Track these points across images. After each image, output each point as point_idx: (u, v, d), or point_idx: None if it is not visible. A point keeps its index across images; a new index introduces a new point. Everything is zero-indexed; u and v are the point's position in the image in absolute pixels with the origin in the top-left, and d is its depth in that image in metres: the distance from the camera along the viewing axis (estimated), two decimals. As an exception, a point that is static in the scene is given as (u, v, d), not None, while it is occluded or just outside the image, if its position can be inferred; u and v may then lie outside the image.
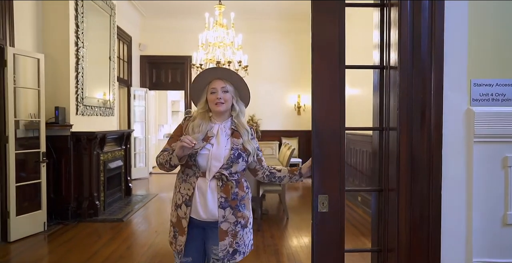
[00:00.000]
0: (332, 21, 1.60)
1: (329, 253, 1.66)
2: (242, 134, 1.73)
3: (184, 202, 1.69)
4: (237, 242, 1.70)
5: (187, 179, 1.69)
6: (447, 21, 1.59)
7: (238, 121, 1.75)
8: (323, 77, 1.63)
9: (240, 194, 1.71)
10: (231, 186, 1.68)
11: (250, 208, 1.79)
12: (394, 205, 1.67)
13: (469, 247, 1.64)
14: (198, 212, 1.68)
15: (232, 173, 1.69)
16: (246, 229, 1.74)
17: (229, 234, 1.69)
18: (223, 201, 1.67)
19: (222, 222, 1.67)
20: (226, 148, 1.69)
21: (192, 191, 1.67)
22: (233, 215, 1.68)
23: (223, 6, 4.86)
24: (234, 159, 1.67)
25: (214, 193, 1.67)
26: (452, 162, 1.62)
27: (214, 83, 1.71)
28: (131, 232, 3.91)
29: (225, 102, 1.70)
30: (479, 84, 1.63)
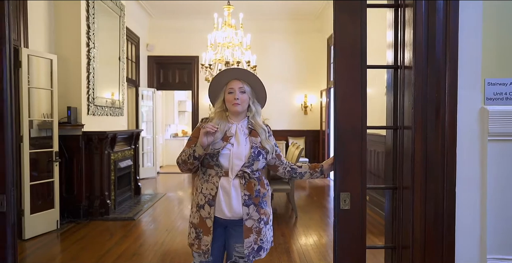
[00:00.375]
0: (354, 22, 1.62)
1: (351, 250, 1.69)
2: (259, 133, 1.76)
3: (207, 202, 1.71)
4: (261, 239, 1.73)
5: (209, 179, 1.72)
6: (462, 21, 1.61)
7: (254, 121, 1.78)
8: (345, 77, 1.66)
9: (262, 191, 1.75)
10: (254, 183, 1.71)
11: (270, 205, 1.81)
12: (408, 203, 1.69)
13: (483, 245, 1.66)
14: (222, 211, 1.70)
15: (254, 170, 1.72)
16: (268, 225, 1.77)
17: (254, 231, 1.70)
18: (247, 199, 1.70)
19: (246, 220, 1.69)
20: (246, 147, 1.72)
21: (215, 190, 1.69)
22: (256, 212, 1.70)
23: (232, 7, 4.90)
24: (255, 157, 1.71)
25: (238, 191, 1.69)
26: (466, 160, 1.64)
27: (232, 83, 1.74)
28: (143, 231, 3.96)
29: (241, 103, 1.73)
30: (493, 83, 1.65)
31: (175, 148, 9.77)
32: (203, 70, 5.04)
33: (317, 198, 5.62)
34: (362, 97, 1.65)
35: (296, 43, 7.85)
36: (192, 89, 8.14)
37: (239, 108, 1.73)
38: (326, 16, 7.41)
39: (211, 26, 7.05)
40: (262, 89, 1.81)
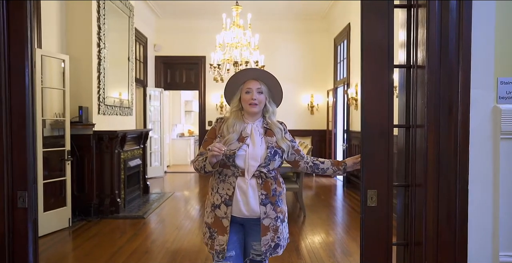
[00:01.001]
0: (381, 22, 1.65)
1: (377, 246, 1.73)
2: (275, 132, 1.76)
3: (223, 202, 1.71)
4: (278, 237, 1.74)
5: (226, 179, 1.72)
6: (475, 21, 1.62)
7: (270, 121, 1.79)
8: (372, 77, 1.69)
9: (278, 189, 1.76)
10: (270, 182, 1.71)
11: (285, 203, 1.83)
12: (421, 200, 1.71)
13: (496, 242, 1.68)
14: (240, 210, 1.70)
15: (270, 170, 1.72)
16: (284, 223, 1.79)
17: (271, 229, 1.71)
18: (264, 198, 1.70)
19: (264, 218, 1.70)
20: (262, 147, 1.72)
21: (232, 190, 1.69)
22: (273, 210, 1.72)
23: (240, 7, 4.94)
24: (271, 157, 1.71)
25: (255, 191, 1.70)
26: (478, 158, 1.66)
27: (249, 83, 1.75)
28: (153, 229, 4.01)
29: (259, 104, 1.74)
30: (506, 82, 1.67)
31: (182, 148, 9.84)
32: (211, 70, 5.08)
33: (325, 197, 5.64)
34: (389, 96, 1.69)
35: (303, 43, 7.87)
36: (199, 89, 8.19)
37: (256, 109, 1.74)
38: (332, 16, 7.42)
39: (218, 26, 7.09)
40: (279, 89, 1.83)
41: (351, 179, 6.27)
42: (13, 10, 1.73)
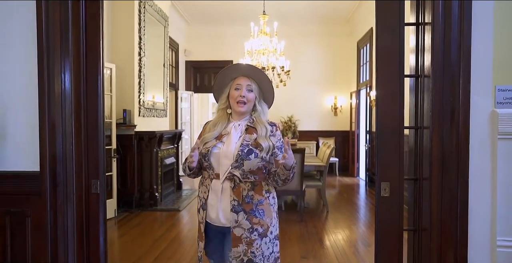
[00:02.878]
0: (393, 38, 1.96)
1: (390, 231, 2.04)
2: (258, 129, 1.62)
3: (201, 206, 1.63)
4: (252, 252, 1.55)
5: (203, 182, 1.65)
6: (474, 36, 1.90)
7: (257, 119, 1.65)
8: (386, 85, 2.01)
9: (257, 198, 1.58)
10: (243, 188, 1.56)
11: (272, 216, 1.62)
12: (427, 192, 1.99)
13: (494, 228, 1.93)
14: (212, 215, 1.60)
15: (246, 172, 1.57)
16: (266, 238, 1.58)
17: (243, 242, 1.55)
18: (236, 205, 1.55)
19: (234, 227, 1.55)
20: (236, 145, 1.59)
21: (207, 193, 1.60)
22: (247, 220, 1.55)
23: (267, 16, 5.28)
24: (243, 156, 1.55)
25: (226, 196, 1.57)
26: (478, 156, 1.92)
27: (240, 79, 1.65)
28: (189, 220, 4.41)
29: (247, 103, 1.62)
30: (503, 89, 1.92)
31: (209, 148, 10.32)
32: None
33: (347, 195, 5.88)
34: (400, 101, 1.98)
35: (326, 47, 8.12)
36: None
37: (243, 109, 1.62)
38: (356, 20, 7.63)
39: (244, 31, 7.47)
40: (270, 89, 1.71)
41: (374, 179, 6.46)
42: (90, 31, 2.15)
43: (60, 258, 2.10)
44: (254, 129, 1.62)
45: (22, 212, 2.10)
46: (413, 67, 2.11)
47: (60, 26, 2.07)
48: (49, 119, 2.06)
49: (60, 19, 2.07)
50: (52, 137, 2.07)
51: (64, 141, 2.09)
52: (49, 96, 2.05)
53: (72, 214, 2.11)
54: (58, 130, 2.07)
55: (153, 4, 5.19)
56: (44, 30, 2.05)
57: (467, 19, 1.88)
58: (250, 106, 1.65)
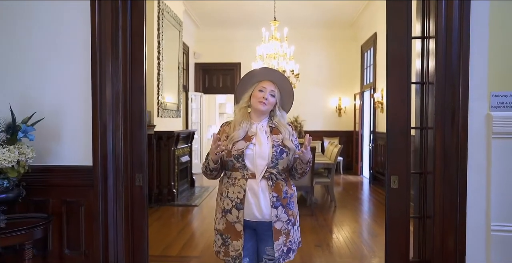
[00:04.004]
0: (402, 49, 2.27)
1: (398, 218, 2.35)
2: (281, 131, 1.72)
3: (234, 206, 1.66)
4: (290, 241, 1.71)
5: (235, 183, 1.67)
6: (472, 50, 2.20)
7: (278, 123, 1.74)
8: (395, 90, 2.31)
9: (289, 192, 1.72)
10: (281, 184, 1.68)
11: (297, 206, 1.80)
12: (431, 184, 2.29)
13: (488, 215, 2.23)
14: (253, 213, 1.66)
15: (280, 171, 1.69)
16: (295, 226, 1.75)
17: (283, 233, 1.68)
18: (275, 201, 1.66)
19: (276, 222, 1.66)
20: (268, 146, 1.67)
21: (243, 193, 1.64)
22: (285, 213, 1.68)
23: (277, 22, 5.57)
24: (278, 155, 1.66)
25: (265, 193, 1.65)
26: (475, 153, 2.23)
27: (265, 83, 1.72)
28: (206, 214, 4.70)
29: (268, 105, 1.70)
30: (497, 95, 2.22)
31: (216, 147, 10.62)
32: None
33: (353, 192, 6.18)
34: (407, 105, 2.28)
35: (331, 50, 8.42)
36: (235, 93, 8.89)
37: (263, 108, 1.69)
38: (359, 25, 7.92)
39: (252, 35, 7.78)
40: (290, 99, 1.80)
41: (377, 176, 6.75)
42: (135, 46, 2.45)
43: (110, 242, 2.40)
44: (278, 131, 1.72)
45: (76, 202, 2.40)
46: (418, 73, 2.41)
47: (111, 39, 2.37)
48: (101, 120, 2.36)
49: (111, 33, 2.37)
50: (103, 135, 2.37)
51: (114, 139, 2.39)
52: (101, 99, 2.35)
53: (120, 204, 2.41)
54: (109, 130, 2.37)
55: (170, 10, 5.49)
56: (97, 43, 2.35)
57: (466, 34, 2.19)
58: (269, 108, 1.73)
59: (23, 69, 2.39)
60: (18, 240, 1.99)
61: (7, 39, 2.39)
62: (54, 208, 2.40)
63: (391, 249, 2.41)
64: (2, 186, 1.98)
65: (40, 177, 2.29)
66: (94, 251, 2.38)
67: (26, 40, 2.38)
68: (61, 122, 2.40)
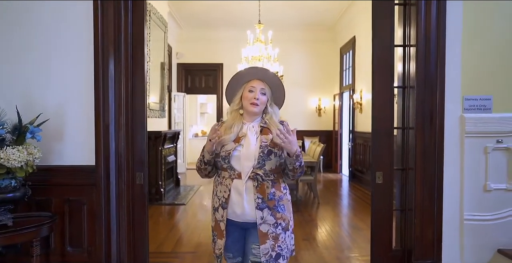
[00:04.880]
0: (386, 57, 2.49)
1: (383, 211, 2.57)
2: (272, 130, 1.66)
3: (220, 204, 1.67)
4: (279, 246, 1.63)
5: (223, 182, 1.68)
6: (447, 57, 2.44)
7: (270, 121, 1.71)
8: (380, 94, 2.53)
9: (278, 194, 1.66)
10: (266, 186, 1.63)
11: (290, 210, 1.72)
12: (412, 179, 2.52)
13: (462, 206, 2.49)
14: (235, 213, 1.65)
15: (267, 172, 1.64)
16: (288, 232, 1.68)
17: (270, 237, 1.62)
18: (260, 202, 1.62)
19: (261, 224, 1.61)
20: (255, 147, 1.65)
21: (228, 193, 1.64)
22: (271, 216, 1.63)
23: (262, 25, 5.74)
24: (264, 157, 1.62)
25: (250, 194, 1.63)
26: (451, 150, 2.48)
27: (254, 82, 1.69)
28: (195, 212, 4.80)
29: (260, 104, 1.68)
30: (469, 99, 2.48)
31: (197, 146, 10.67)
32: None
33: (333, 189, 6.45)
34: (390, 107, 2.50)
35: (311, 52, 8.68)
36: (217, 94, 9.00)
37: (256, 109, 1.68)
38: (339, 28, 8.22)
39: (234, 36, 7.90)
40: (282, 92, 1.77)
41: (356, 174, 7.07)
42: (136, 49, 2.54)
43: (113, 239, 2.48)
44: (269, 130, 1.68)
45: (79, 201, 2.47)
46: (400, 77, 2.64)
47: (114, 41, 2.46)
48: (104, 121, 2.44)
49: (114, 35, 2.46)
50: (106, 135, 2.45)
51: (117, 139, 2.48)
52: (104, 100, 2.44)
53: (122, 202, 2.50)
54: (111, 130, 2.46)
55: (156, 12, 5.54)
56: (100, 45, 2.44)
57: (442, 44, 2.44)
58: (262, 108, 1.71)
59: (26, 69, 2.44)
60: (26, 237, 2.05)
61: (9, 39, 2.42)
62: (56, 207, 2.46)
63: (376, 239, 2.63)
64: (10, 186, 2.04)
65: (42, 177, 2.35)
66: (97, 248, 2.46)
67: (28, 40, 2.43)
68: (63, 122, 2.46)
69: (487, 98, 2.46)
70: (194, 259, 3.04)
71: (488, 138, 2.46)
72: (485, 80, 2.46)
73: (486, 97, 2.46)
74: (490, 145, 2.46)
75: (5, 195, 2.01)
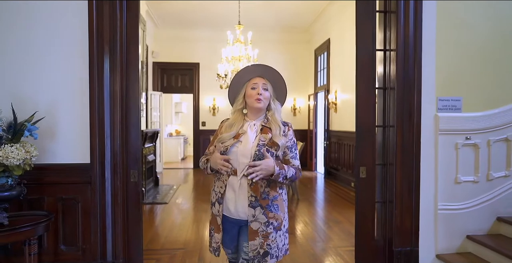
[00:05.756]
0: (368, 59, 2.68)
1: (366, 203, 2.76)
2: (272, 129, 1.70)
3: (217, 200, 1.71)
4: (268, 244, 1.64)
5: (220, 177, 1.71)
6: (423, 61, 2.67)
7: (271, 118, 1.73)
8: (363, 95, 2.71)
9: (272, 194, 1.66)
10: (261, 184, 1.64)
11: (285, 211, 1.72)
12: (392, 173, 2.73)
13: (436, 197, 2.73)
14: (229, 209, 1.68)
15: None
16: (280, 231, 1.68)
17: (260, 235, 1.63)
18: (253, 200, 1.63)
19: (252, 222, 1.64)
20: (253, 144, 1.66)
21: (224, 188, 1.67)
22: (263, 215, 1.63)
23: (242, 26, 5.84)
24: (260, 155, 1.63)
25: (244, 191, 1.65)
26: (426, 146, 2.70)
27: (255, 79, 1.73)
28: (178, 210, 4.83)
29: (263, 100, 1.70)
30: (442, 100, 2.72)
31: (173, 146, 10.60)
32: (219, 79, 5.96)
33: (311, 186, 6.67)
34: (372, 107, 2.70)
35: (287, 53, 8.88)
36: (194, 93, 9.00)
37: (260, 105, 1.70)
38: (314, 30, 8.48)
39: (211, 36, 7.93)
40: (283, 87, 1.80)
41: (331, 171, 7.34)
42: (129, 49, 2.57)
43: (108, 237, 2.51)
44: (269, 129, 1.70)
45: (73, 199, 2.48)
46: (380, 78, 2.84)
47: (109, 41, 2.49)
48: (99, 119, 2.46)
49: (110, 34, 2.49)
50: (101, 133, 2.48)
51: (112, 137, 2.50)
52: (99, 98, 2.46)
53: (118, 199, 2.53)
54: (107, 128, 2.48)
55: (135, 10, 5.49)
56: (95, 44, 2.45)
57: (419, 50, 2.66)
58: (266, 103, 1.73)
59: (19, 68, 2.41)
60: (24, 236, 2.05)
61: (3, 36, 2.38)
62: (49, 206, 2.45)
63: (360, 230, 2.83)
64: (7, 184, 2.02)
65: (34, 175, 2.34)
66: (92, 246, 2.47)
67: (20, 38, 2.40)
68: (56, 121, 2.45)
69: (457, 99, 2.71)
70: (185, 255, 3.10)
71: (458, 135, 2.72)
72: (456, 83, 2.72)
73: (457, 98, 2.72)
74: (460, 142, 2.72)
75: (1, 194, 2.00)
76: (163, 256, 3.05)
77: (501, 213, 2.81)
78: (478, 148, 2.75)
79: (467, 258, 2.66)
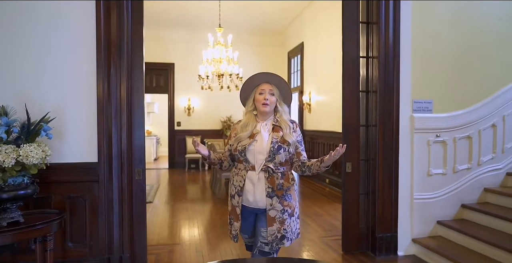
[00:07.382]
0: (353, 65, 2.98)
1: (351, 195, 3.05)
2: (282, 127, 1.90)
3: (237, 192, 1.92)
4: (284, 229, 1.86)
5: (239, 173, 1.92)
6: (401, 67, 3.00)
7: (280, 118, 1.94)
8: (349, 97, 3.01)
9: (286, 185, 1.88)
10: (276, 177, 1.85)
11: (296, 199, 1.96)
12: (374, 168, 3.04)
13: (412, 188, 3.08)
14: (248, 200, 1.89)
15: (277, 165, 1.87)
16: (293, 217, 1.90)
17: (277, 221, 1.85)
18: (270, 191, 1.84)
19: (269, 210, 1.85)
20: (268, 142, 1.87)
21: (243, 182, 1.89)
22: (279, 203, 1.86)
23: (222, 28, 6.00)
24: (275, 151, 1.85)
25: (262, 184, 1.86)
26: (404, 143, 3.04)
27: (262, 85, 1.93)
28: (165, 209, 4.90)
29: (270, 104, 1.91)
30: (416, 102, 3.07)
31: (146, 146, 10.49)
32: (200, 80, 6.07)
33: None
34: (357, 108, 2.99)
35: (262, 55, 9.13)
36: (169, 93, 8.99)
37: (267, 109, 1.91)
38: (288, 34, 8.80)
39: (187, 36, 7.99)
40: (288, 91, 2.00)
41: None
42: (135, 54, 2.68)
43: (115, 234, 2.61)
44: (279, 128, 1.91)
45: (80, 197, 2.56)
46: (364, 83, 3.14)
47: (116, 44, 2.59)
48: (106, 119, 2.56)
49: (117, 37, 2.59)
50: (109, 133, 2.56)
51: (119, 136, 2.60)
52: (107, 99, 2.54)
53: (124, 197, 2.64)
54: (114, 128, 2.58)
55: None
56: (103, 45, 2.54)
57: (397, 57, 2.99)
58: (273, 107, 1.94)
59: (28, 69, 2.45)
60: (39, 233, 2.11)
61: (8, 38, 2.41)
62: (56, 204, 2.51)
63: (346, 219, 3.12)
64: (23, 183, 2.08)
65: (42, 174, 2.39)
66: (99, 242, 2.56)
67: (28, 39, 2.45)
68: (63, 121, 2.51)
69: (429, 102, 3.09)
70: (182, 249, 3.24)
71: (430, 133, 3.10)
72: (428, 86, 3.09)
73: (428, 101, 3.09)
74: (431, 139, 3.10)
75: (17, 192, 2.06)
76: (162, 251, 3.17)
77: (464, 201, 3.22)
78: (446, 144, 3.14)
79: (437, 241, 3.04)
